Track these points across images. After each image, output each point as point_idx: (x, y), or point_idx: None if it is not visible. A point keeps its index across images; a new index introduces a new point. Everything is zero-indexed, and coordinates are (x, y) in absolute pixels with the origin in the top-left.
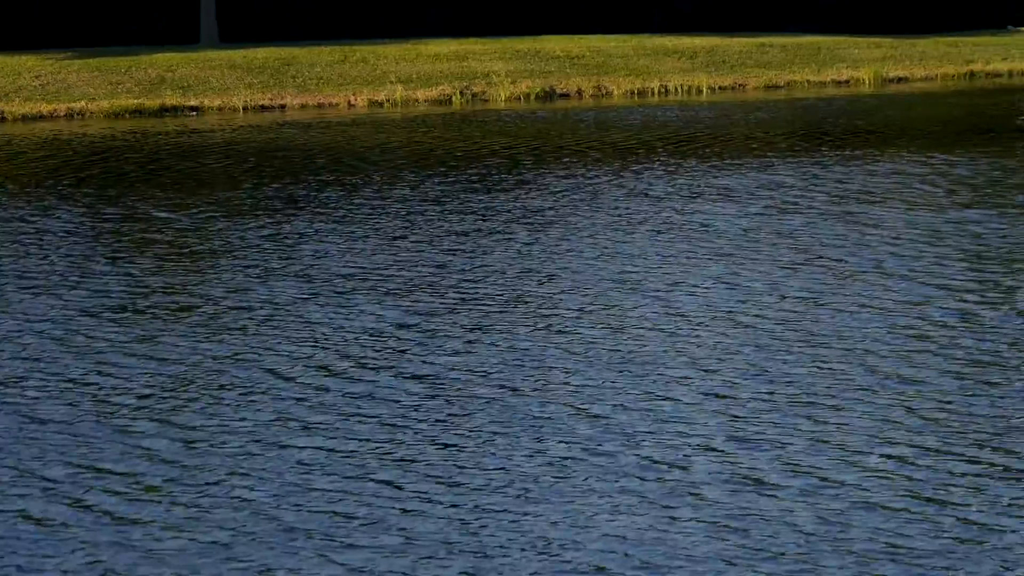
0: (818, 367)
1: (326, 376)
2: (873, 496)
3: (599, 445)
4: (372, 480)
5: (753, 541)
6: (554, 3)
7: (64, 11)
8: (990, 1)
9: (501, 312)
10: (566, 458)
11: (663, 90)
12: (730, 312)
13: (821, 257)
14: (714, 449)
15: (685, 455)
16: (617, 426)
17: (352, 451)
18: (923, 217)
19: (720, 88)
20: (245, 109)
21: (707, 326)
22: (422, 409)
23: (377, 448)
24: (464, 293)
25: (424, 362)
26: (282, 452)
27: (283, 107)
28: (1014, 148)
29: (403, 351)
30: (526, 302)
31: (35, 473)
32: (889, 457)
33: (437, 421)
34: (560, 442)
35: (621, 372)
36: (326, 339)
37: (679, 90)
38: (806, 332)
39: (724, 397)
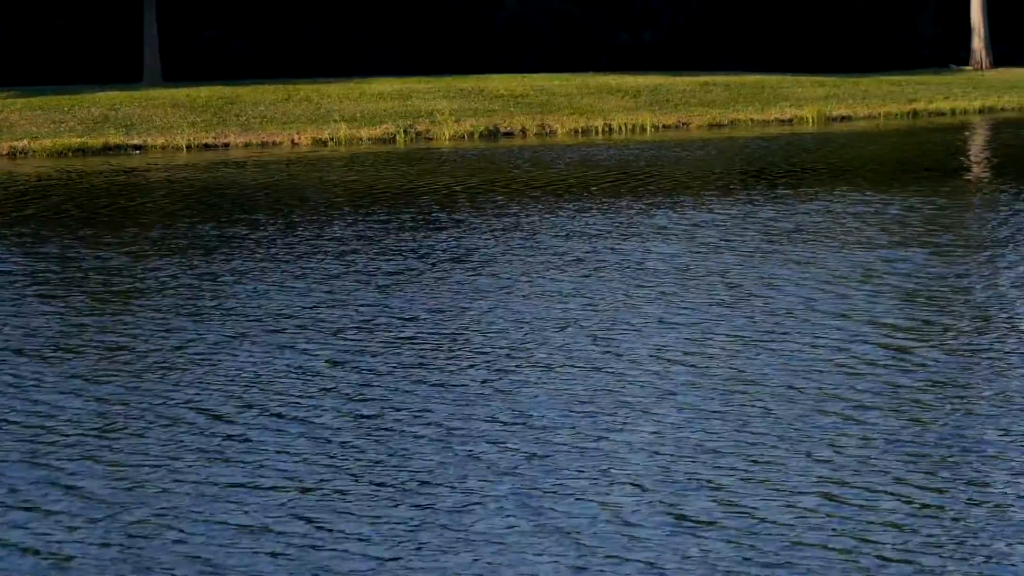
0: (752, 406)
1: (257, 415)
2: (807, 536)
3: (534, 485)
4: (301, 519)
5: None
6: (498, 42)
7: (6, 50)
8: (933, 40)
9: (435, 352)
10: (499, 497)
11: (607, 129)
12: (664, 351)
13: (754, 296)
14: (647, 488)
15: (617, 494)
16: (552, 465)
17: (281, 488)
18: (857, 256)
19: (664, 126)
20: (188, 148)
21: (642, 365)
22: (355, 448)
23: (308, 487)
24: (399, 333)
25: (357, 401)
26: (211, 491)
27: (227, 145)
28: (952, 187)
29: (336, 390)
30: (461, 342)
31: None
32: (825, 496)
33: (371, 462)
34: (494, 482)
35: (555, 411)
36: (257, 378)
37: (623, 129)
38: (740, 371)
39: (658, 435)
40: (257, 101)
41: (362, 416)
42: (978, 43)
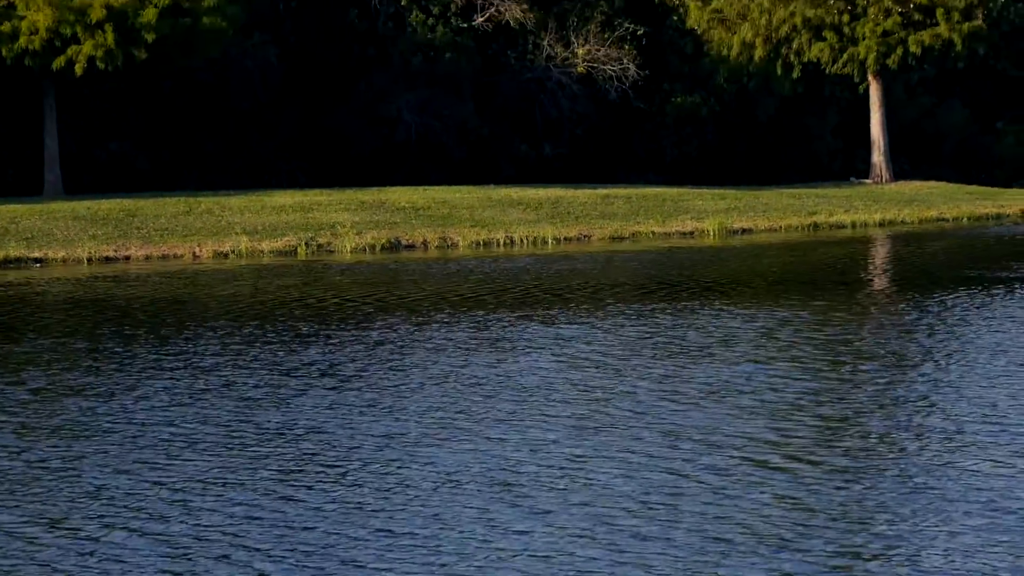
0: (606, 524)
1: (106, 527)
2: None
3: None
4: None
5: None
6: (400, 154)
7: None
8: (833, 154)
9: (298, 468)
10: None
11: (508, 241)
12: (520, 467)
13: (609, 415)
14: None
15: None
16: None
17: None
18: (722, 368)
19: (566, 239)
20: (89, 260)
21: (496, 480)
22: (216, 559)
23: None
24: (257, 450)
25: (218, 515)
26: None
27: (128, 258)
28: (842, 299)
29: (192, 504)
30: (320, 457)
31: None
32: None
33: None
34: None
35: (411, 527)
36: (117, 489)
37: (524, 241)
38: (596, 487)
39: (508, 552)
40: (158, 214)
41: (220, 530)
42: (878, 157)
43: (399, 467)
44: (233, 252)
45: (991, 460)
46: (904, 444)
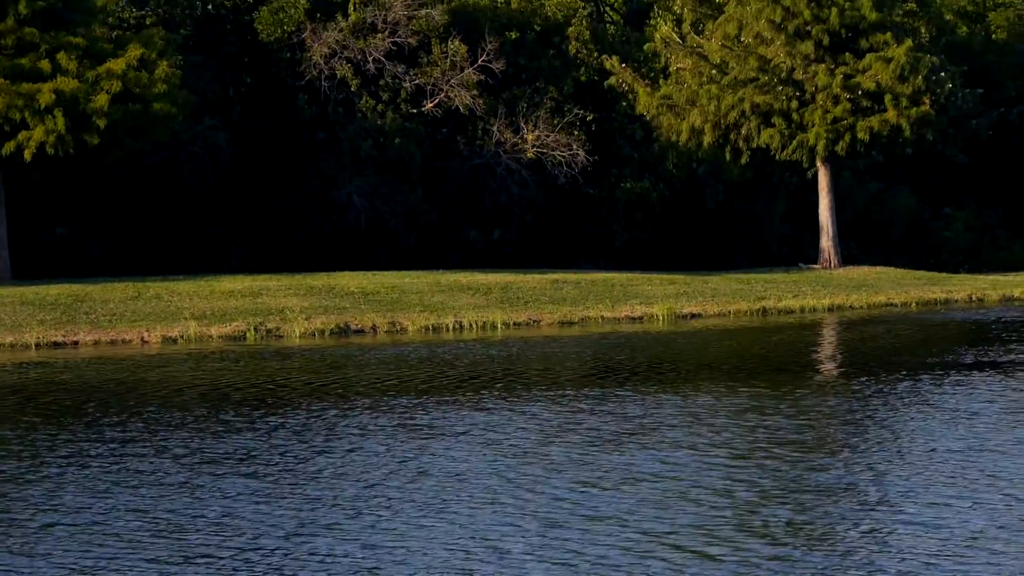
0: None
1: None
2: None
3: None
4: None
5: None
6: (350, 239)
7: None
8: (782, 240)
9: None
10: None
11: (458, 326)
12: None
13: (528, 501)
14: None
15: None
16: None
17: None
18: (648, 456)
19: (515, 324)
20: (38, 346)
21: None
22: None
23: None
24: (151, 546)
25: None
26: None
27: (76, 343)
28: (782, 384)
29: None
30: (220, 549)
31: None
32: None
33: None
34: None
35: None
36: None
37: (474, 326)
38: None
39: None
40: (107, 299)
41: None
42: (826, 242)
43: (305, 557)
44: (182, 337)
45: (901, 556)
46: (824, 532)
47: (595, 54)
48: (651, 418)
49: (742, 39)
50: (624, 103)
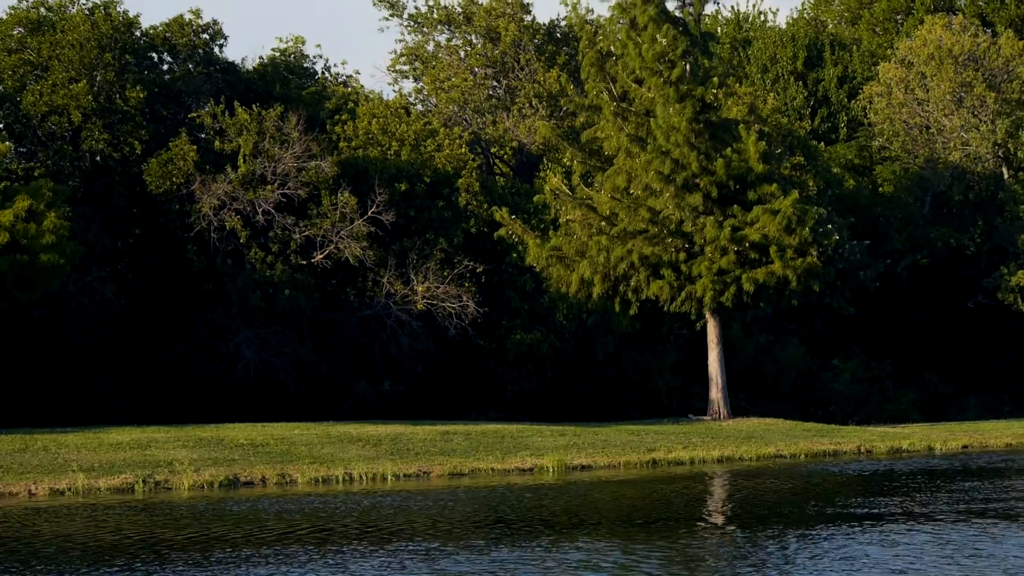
0: None
1: None
2: None
3: None
4: None
5: None
6: (239, 391)
7: None
8: (671, 391)
9: None
10: None
11: (348, 477)
12: None
13: None
14: None
15: None
16: None
17: None
18: None
19: (405, 475)
20: None
21: None
22: None
23: None
24: None
25: None
26: None
27: None
28: (664, 536)
29: None
30: None
31: None
32: None
33: None
34: None
35: None
36: None
37: (364, 477)
38: None
39: None
40: None
41: None
42: (716, 394)
43: None
44: (70, 490)
45: None
46: None
47: (485, 205)
48: (525, 573)
49: (631, 191)
50: (514, 254)
